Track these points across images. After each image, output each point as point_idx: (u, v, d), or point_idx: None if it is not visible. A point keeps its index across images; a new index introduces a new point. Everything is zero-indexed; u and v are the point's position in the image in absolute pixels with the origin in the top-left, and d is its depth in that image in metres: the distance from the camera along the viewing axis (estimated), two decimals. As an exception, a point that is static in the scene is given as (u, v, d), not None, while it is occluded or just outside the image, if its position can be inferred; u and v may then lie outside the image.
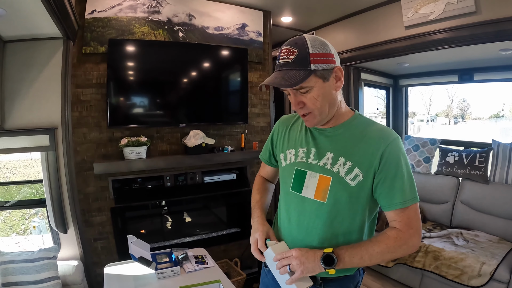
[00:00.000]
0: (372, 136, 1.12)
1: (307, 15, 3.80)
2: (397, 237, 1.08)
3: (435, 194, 3.49)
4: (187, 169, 3.14)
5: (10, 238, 3.57)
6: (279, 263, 1.10)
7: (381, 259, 1.09)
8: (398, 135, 1.14)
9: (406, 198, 1.08)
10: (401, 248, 1.08)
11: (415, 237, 1.09)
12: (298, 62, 1.05)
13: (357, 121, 1.19)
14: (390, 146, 1.09)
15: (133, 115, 2.85)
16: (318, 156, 1.18)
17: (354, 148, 1.13)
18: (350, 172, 1.11)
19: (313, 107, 1.10)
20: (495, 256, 2.56)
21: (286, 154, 1.29)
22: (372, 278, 3.15)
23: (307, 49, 1.05)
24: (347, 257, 1.07)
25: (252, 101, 3.51)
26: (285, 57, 1.07)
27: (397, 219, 1.10)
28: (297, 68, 1.05)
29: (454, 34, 2.70)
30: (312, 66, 1.04)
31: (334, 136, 1.18)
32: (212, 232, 3.38)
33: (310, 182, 1.18)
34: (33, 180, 3.38)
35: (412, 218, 1.09)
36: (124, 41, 2.77)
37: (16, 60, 2.35)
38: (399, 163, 1.09)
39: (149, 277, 1.86)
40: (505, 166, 3.07)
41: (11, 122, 2.37)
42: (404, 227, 1.09)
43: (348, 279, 1.22)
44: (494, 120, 7.16)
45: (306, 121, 1.16)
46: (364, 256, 1.07)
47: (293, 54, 1.05)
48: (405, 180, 1.09)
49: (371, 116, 5.80)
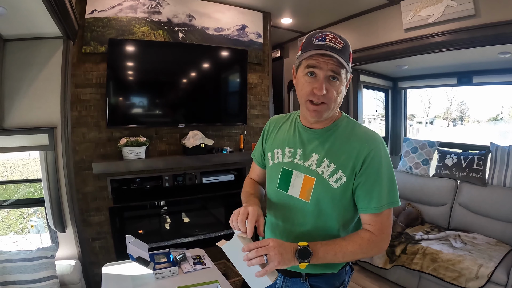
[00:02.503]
0: (357, 139, 1.15)
1: (307, 17, 3.81)
2: (370, 240, 1.11)
3: (433, 196, 3.49)
4: (185, 170, 3.14)
5: (8, 237, 3.56)
6: (254, 252, 1.04)
7: (352, 257, 1.12)
8: (382, 139, 1.16)
9: (381, 204, 1.10)
10: (372, 250, 1.13)
11: (385, 242, 1.14)
12: (344, 52, 1.08)
13: (344, 122, 1.22)
14: (373, 150, 1.11)
15: (132, 115, 2.86)
16: (304, 157, 1.20)
17: (339, 150, 1.15)
18: (333, 174, 1.13)
19: (332, 99, 1.11)
20: (493, 258, 2.56)
21: (273, 153, 1.31)
22: (370, 280, 3.15)
23: (349, 46, 1.11)
24: (321, 253, 1.08)
25: (251, 102, 3.52)
26: (333, 41, 1.07)
27: (371, 223, 1.13)
28: (343, 57, 1.07)
29: (453, 37, 2.71)
30: (349, 64, 1.11)
31: (322, 137, 1.20)
32: (210, 233, 3.38)
33: (296, 181, 1.21)
34: (32, 179, 3.37)
35: (384, 224, 1.13)
36: (124, 41, 2.77)
37: (16, 59, 2.35)
38: (380, 168, 1.11)
39: (147, 277, 1.86)
40: (503, 168, 3.08)
41: (10, 121, 2.37)
42: (377, 232, 1.12)
43: (333, 276, 1.25)
44: (492, 123, 7.18)
45: (316, 111, 1.13)
46: (338, 253, 1.09)
47: (341, 44, 1.08)
48: (384, 185, 1.11)
49: (370, 118, 5.83)
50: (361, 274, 3.28)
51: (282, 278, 1.28)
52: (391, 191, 1.12)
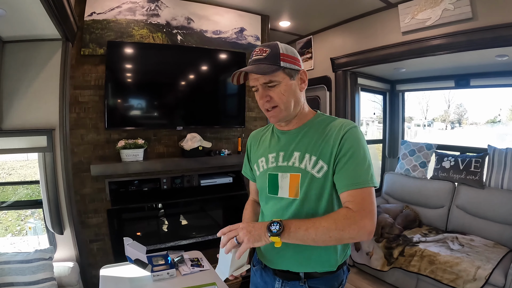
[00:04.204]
0: (333, 128, 1.20)
1: (305, 20, 3.83)
2: (347, 215, 1.06)
3: (431, 198, 3.50)
4: (183, 172, 3.14)
5: (6, 239, 3.55)
6: (225, 236, 1.11)
7: (327, 235, 1.04)
8: (357, 125, 1.20)
9: (359, 180, 1.10)
10: (350, 227, 1.03)
11: (367, 219, 1.05)
12: (269, 58, 1.17)
13: (320, 119, 1.28)
14: (348, 132, 1.15)
15: (130, 117, 2.86)
16: (287, 158, 1.25)
17: (317, 143, 1.20)
18: (315, 165, 1.18)
19: (279, 101, 1.19)
20: (490, 260, 2.57)
21: (258, 164, 1.36)
22: (368, 282, 3.16)
23: (278, 49, 1.18)
24: (293, 228, 1.06)
25: (250, 105, 3.52)
26: (258, 54, 1.19)
27: (350, 199, 1.09)
28: (268, 62, 1.16)
29: (451, 40, 2.72)
30: (282, 63, 1.17)
31: (299, 135, 1.25)
32: (208, 235, 3.38)
33: (283, 182, 1.25)
34: (30, 181, 3.36)
35: (365, 200, 1.08)
36: (122, 44, 2.78)
37: (15, 61, 2.36)
38: (354, 146, 1.13)
39: (145, 279, 1.85)
40: (500, 171, 3.09)
41: (8, 122, 2.36)
42: (356, 207, 1.07)
43: (332, 277, 1.25)
44: (490, 125, 7.19)
45: (272, 117, 1.23)
46: (310, 228, 1.05)
47: (266, 52, 1.18)
48: (359, 162, 1.12)
49: (368, 121, 5.85)
50: (359, 276, 3.28)
51: (280, 281, 1.28)
52: (369, 170, 1.12)
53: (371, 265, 3.13)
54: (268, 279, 1.34)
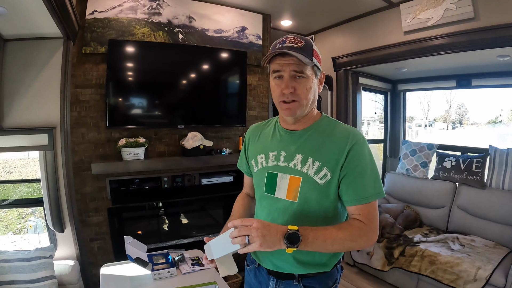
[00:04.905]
0: (339, 135, 1.18)
1: (307, 19, 3.82)
2: (360, 228, 1.10)
3: (431, 198, 3.50)
4: (184, 171, 3.14)
5: (6, 237, 3.56)
6: (236, 231, 1.02)
7: (341, 245, 1.09)
8: (364, 135, 1.19)
9: (368, 194, 1.12)
10: (362, 239, 1.10)
11: (374, 232, 1.12)
12: (305, 50, 1.11)
13: (324, 122, 1.25)
14: (356, 144, 1.14)
15: (131, 116, 2.86)
16: (288, 158, 1.22)
17: (322, 148, 1.17)
18: (318, 171, 1.15)
19: (302, 96, 1.15)
20: (491, 261, 2.57)
21: (257, 160, 1.33)
22: (368, 282, 3.16)
23: (311, 44, 1.15)
24: (311, 238, 1.04)
25: (251, 104, 3.52)
26: (292, 42, 1.12)
27: (358, 212, 1.13)
28: (303, 54, 1.10)
29: (452, 40, 2.72)
30: (314, 59, 1.13)
31: (303, 137, 1.22)
32: (209, 234, 3.37)
33: (281, 183, 1.22)
34: (30, 179, 3.36)
35: (371, 214, 1.13)
36: (124, 42, 2.77)
37: (16, 59, 2.36)
38: (362, 160, 1.13)
39: (145, 278, 1.86)
40: (501, 171, 3.08)
41: (10, 120, 2.37)
42: (366, 220, 1.11)
43: (326, 276, 1.25)
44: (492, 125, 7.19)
45: (287, 109, 1.17)
46: (327, 239, 1.06)
47: (301, 43, 1.12)
48: (369, 176, 1.13)
49: (370, 121, 5.84)
50: (359, 276, 3.29)
51: (274, 281, 1.27)
52: (377, 182, 1.14)
53: (372, 265, 3.13)
54: (262, 279, 1.33)
